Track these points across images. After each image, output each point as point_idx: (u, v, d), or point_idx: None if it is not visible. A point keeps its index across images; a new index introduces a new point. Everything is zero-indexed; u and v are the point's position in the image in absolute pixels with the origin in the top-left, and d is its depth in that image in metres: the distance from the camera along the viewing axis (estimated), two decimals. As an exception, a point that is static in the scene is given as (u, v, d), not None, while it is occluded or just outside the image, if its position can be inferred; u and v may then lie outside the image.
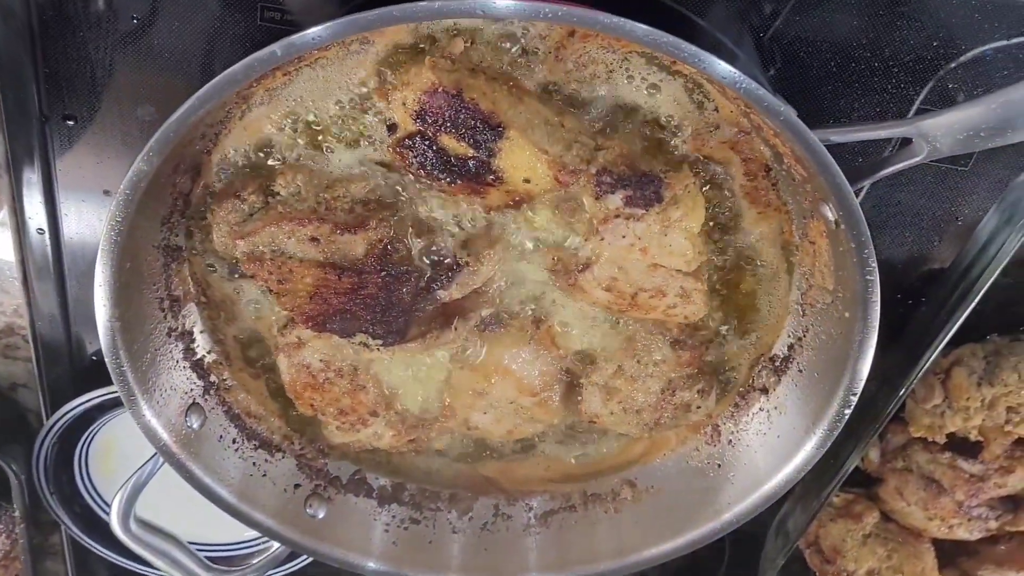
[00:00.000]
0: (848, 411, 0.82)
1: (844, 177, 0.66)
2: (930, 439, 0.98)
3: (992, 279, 0.81)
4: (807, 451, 0.86)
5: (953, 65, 0.83)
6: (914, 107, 0.85)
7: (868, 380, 0.77)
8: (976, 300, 0.82)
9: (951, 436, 1.00)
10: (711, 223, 0.82)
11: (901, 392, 0.90)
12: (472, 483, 1.03)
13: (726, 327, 0.89)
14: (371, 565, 0.96)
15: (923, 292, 0.96)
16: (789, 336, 0.88)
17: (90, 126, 0.85)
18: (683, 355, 0.89)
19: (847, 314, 0.78)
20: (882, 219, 0.90)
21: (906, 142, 0.72)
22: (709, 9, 0.81)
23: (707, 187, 0.80)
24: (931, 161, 0.71)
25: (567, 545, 1.00)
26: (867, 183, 0.70)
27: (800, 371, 0.88)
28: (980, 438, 0.97)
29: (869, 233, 0.69)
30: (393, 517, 1.01)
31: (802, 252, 0.82)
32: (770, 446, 0.91)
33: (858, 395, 0.80)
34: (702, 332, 0.89)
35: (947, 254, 0.94)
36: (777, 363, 0.90)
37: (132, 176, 0.68)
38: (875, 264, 0.71)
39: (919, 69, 0.81)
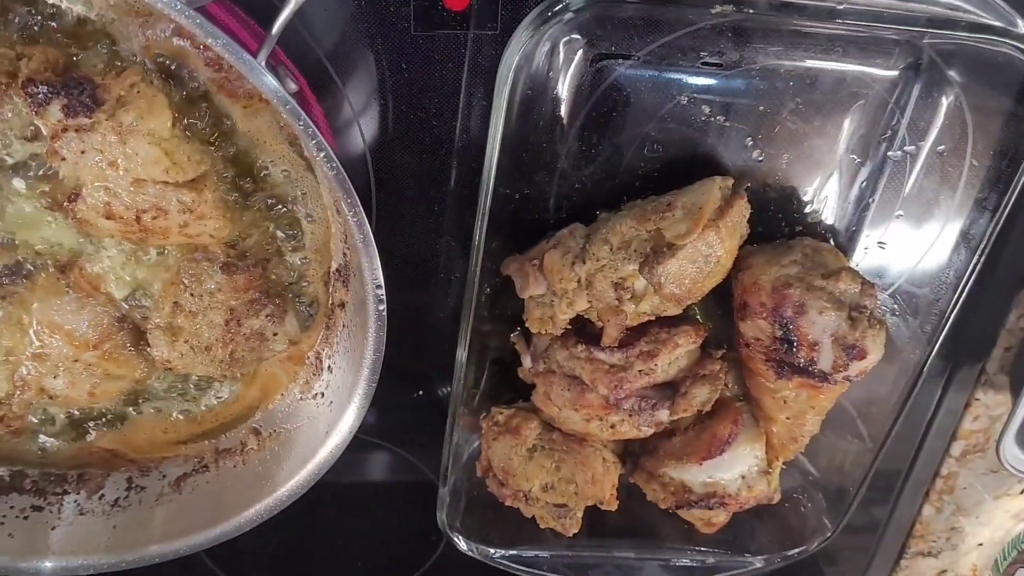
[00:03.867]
0: (382, 307, 0.75)
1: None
2: (544, 332, 0.91)
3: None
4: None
5: None
6: None
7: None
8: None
9: (587, 328, 0.93)
10: (199, 125, 0.75)
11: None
12: (97, 459, 0.96)
13: (280, 242, 0.82)
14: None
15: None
16: (342, 241, 0.82)
17: None
18: (238, 279, 0.82)
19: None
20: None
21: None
22: None
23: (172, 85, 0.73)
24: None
25: (198, 507, 0.93)
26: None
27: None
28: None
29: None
30: (12, 508, 0.93)
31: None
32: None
33: (383, 294, 0.73)
34: (253, 253, 0.82)
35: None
36: (343, 273, 0.83)
37: None
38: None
39: None
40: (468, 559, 1.07)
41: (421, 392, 1.04)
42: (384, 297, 0.74)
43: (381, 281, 0.73)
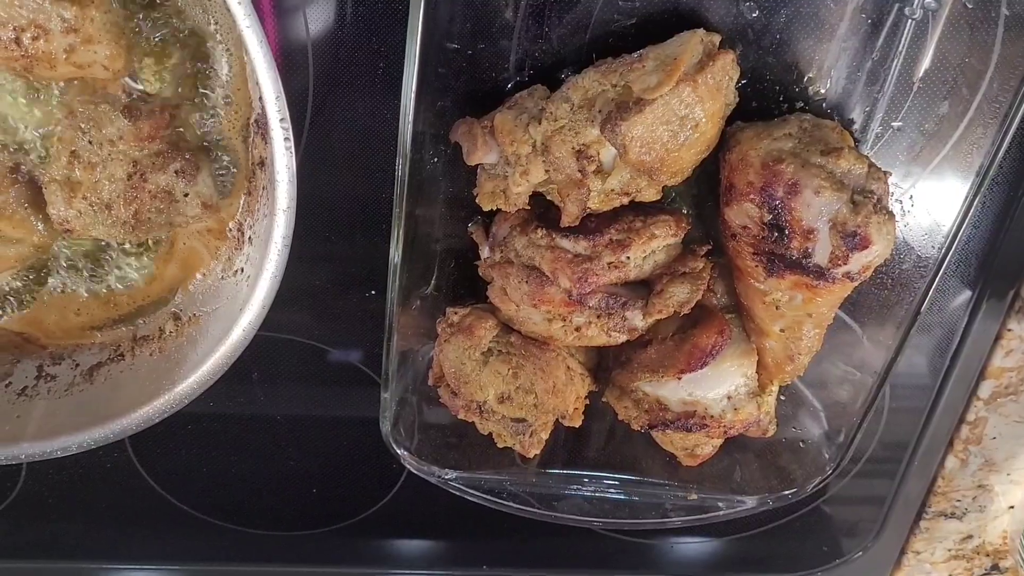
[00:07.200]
0: (288, 143, 0.64)
1: None
2: (497, 210, 0.80)
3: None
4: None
5: None
6: None
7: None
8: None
9: (553, 213, 0.82)
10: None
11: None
12: (6, 343, 0.87)
13: (190, 80, 0.72)
14: None
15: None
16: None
17: None
18: (142, 126, 0.72)
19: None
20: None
21: None
22: None
23: None
24: None
25: (109, 398, 0.83)
26: None
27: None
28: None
29: None
30: (-89, 397, 0.85)
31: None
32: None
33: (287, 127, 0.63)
34: (160, 96, 0.72)
35: None
36: (261, 124, 0.73)
37: None
38: None
39: None
40: (435, 489, 0.96)
41: (374, 292, 0.93)
42: (290, 132, 0.63)
43: (287, 114, 0.62)
